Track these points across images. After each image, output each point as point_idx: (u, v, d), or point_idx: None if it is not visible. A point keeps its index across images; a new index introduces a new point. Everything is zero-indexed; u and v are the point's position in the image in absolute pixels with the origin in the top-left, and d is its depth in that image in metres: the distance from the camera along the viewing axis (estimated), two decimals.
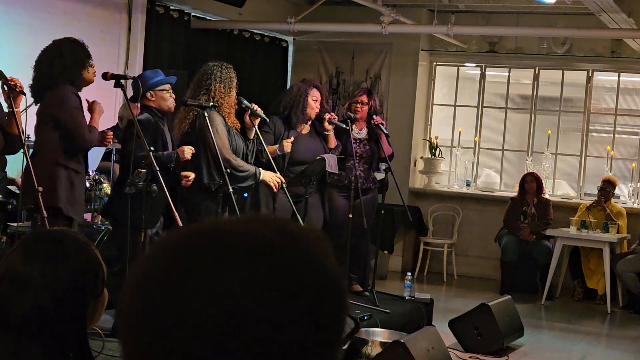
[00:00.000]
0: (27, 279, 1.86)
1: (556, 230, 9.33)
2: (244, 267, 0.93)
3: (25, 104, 5.40)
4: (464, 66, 11.03)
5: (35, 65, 5.44)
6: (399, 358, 5.25)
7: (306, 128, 7.08)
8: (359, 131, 7.62)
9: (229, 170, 6.01)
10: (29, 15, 7.66)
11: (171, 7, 9.23)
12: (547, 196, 9.79)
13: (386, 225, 8.61)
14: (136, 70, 8.47)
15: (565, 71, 10.47)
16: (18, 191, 6.83)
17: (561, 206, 9.89)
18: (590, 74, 10.33)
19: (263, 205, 6.78)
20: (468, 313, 6.78)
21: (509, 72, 10.75)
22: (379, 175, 7.65)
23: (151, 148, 5.29)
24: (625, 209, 9.47)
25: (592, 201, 9.43)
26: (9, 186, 6.89)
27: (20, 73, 5.41)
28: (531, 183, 9.51)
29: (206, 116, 5.89)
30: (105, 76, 5.47)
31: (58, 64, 5.37)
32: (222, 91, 6.14)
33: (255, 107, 6.33)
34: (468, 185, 10.69)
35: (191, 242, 0.97)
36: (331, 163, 6.85)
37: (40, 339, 1.86)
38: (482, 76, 10.81)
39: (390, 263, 10.13)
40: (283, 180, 6.35)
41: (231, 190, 5.80)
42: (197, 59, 8.81)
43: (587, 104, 10.36)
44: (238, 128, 6.35)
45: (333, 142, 7.15)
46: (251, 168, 6.25)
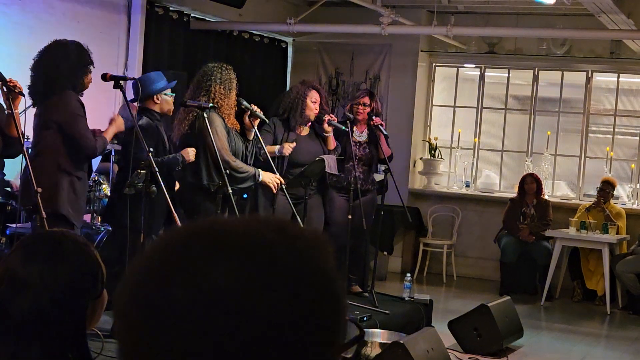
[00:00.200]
0: (27, 280, 1.86)
1: (555, 231, 9.33)
2: (242, 267, 0.93)
3: (24, 106, 5.40)
4: (464, 67, 11.02)
5: (36, 66, 5.41)
6: (399, 359, 5.25)
7: (305, 130, 7.08)
8: (360, 134, 7.61)
9: (229, 171, 6.01)
10: (29, 16, 7.66)
11: (170, 8, 9.23)
12: (547, 197, 9.79)
13: (386, 226, 8.61)
14: (135, 71, 8.47)
15: (564, 72, 10.47)
16: (14, 192, 6.83)
17: (560, 207, 9.89)
18: (589, 75, 10.33)
19: (262, 206, 6.78)
20: (467, 314, 6.78)
21: (509, 73, 10.75)
22: (378, 176, 7.65)
23: (150, 149, 5.29)
24: (624, 210, 9.46)
25: (592, 202, 9.43)
26: (7, 188, 6.89)
27: (19, 74, 5.40)
28: (531, 184, 9.51)
29: (205, 117, 5.89)
30: (104, 77, 5.46)
31: (65, 68, 5.35)
32: (222, 92, 6.14)
33: (254, 108, 6.33)
34: (467, 186, 10.69)
35: (189, 241, 0.97)
36: (330, 164, 6.85)
37: (39, 340, 1.87)
38: (482, 77, 10.81)
39: (389, 264, 10.13)
40: (282, 181, 6.35)
41: (230, 191, 5.80)
42: (197, 60, 8.81)
43: (587, 105, 10.36)
44: (237, 129, 6.35)
45: (332, 144, 7.15)
46: (250, 169, 6.25)
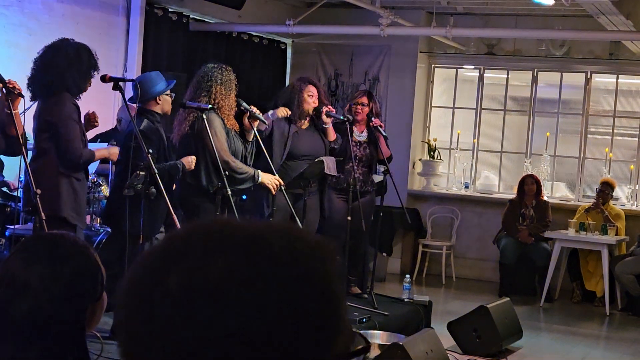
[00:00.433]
0: (26, 283, 1.86)
1: (555, 232, 9.33)
2: (238, 262, 0.94)
3: (24, 106, 5.40)
4: (463, 68, 11.03)
5: (42, 60, 5.40)
6: None
7: (305, 123, 7.08)
8: (360, 134, 7.62)
9: (228, 172, 6.02)
10: (27, 17, 7.66)
11: (170, 10, 9.22)
12: (546, 198, 9.79)
13: (385, 227, 8.61)
14: (134, 72, 8.46)
15: (563, 73, 10.48)
16: (11, 192, 6.83)
17: (560, 208, 9.89)
18: (588, 76, 10.33)
19: (261, 207, 6.78)
20: (467, 315, 6.78)
21: (508, 74, 10.76)
22: (378, 177, 7.66)
23: (150, 150, 5.29)
24: (623, 211, 9.47)
25: (591, 203, 9.43)
26: (4, 188, 6.89)
27: (19, 75, 5.40)
28: (531, 185, 9.51)
29: (205, 119, 5.89)
30: (103, 79, 5.46)
31: (75, 71, 5.35)
32: (223, 93, 6.15)
33: (254, 110, 6.33)
34: (467, 187, 10.69)
35: (191, 238, 0.99)
36: (330, 165, 6.85)
37: (38, 342, 1.86)
38: (481, 78, 10.81)
39: (388, 265, 10.13)
40: (282, 182, 6.35)
41: (230, 192, 5.81)
42: (196, 61, 8.81)
43: (586, 106, 10.36)
44: (237, 130, 6.36)
45: (332, 135, 7.15)
46: (250, 170, 6.26)
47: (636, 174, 10.03)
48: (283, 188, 6.35)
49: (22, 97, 5.19)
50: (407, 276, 7.69)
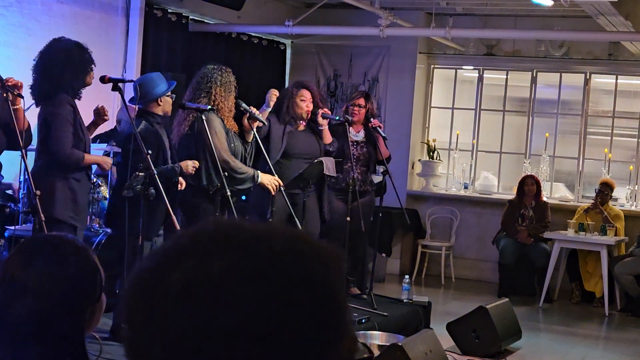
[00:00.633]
0: (25, 284, 1.86)
1: (554, 232, 9.33)
2: (239, 260, 0.95)
3: (23, 106, 5.40)
4: (462, 69, 11.03)
5: (38, 67, 5.41)
6: None
7: (301, 126, 7.08)
8: (356, 134, 7.63)
9: (227, 172, 6.02)
10: (27, 17, 7.66)
11: (169, 10, 9.23)
12: (545, 199, 9.79)
13: (384, 228, 8.61)
14: (134, 73, 8.46)
15: (562, 74, 10.48)
16: (12, 194, 6.84)
17: (559, 209, 9.90)
18: (587, 77, 10.34)
19: (260, 207, 6.77)
20: (466, 316, 6.78)
21: (507, 75, 10.76)
22: (377, 178, 7.66)
23: (149, 151, 5.29)
24: (622, 212, 9.47)
25: (590, 204, 9.43)
26: (7, 191, 6.89)
27: (18, 76, 5.40)
28: (531, 186, 9.51)
29: (204, 119, 5.89)
30: (103, 79, 5.46)
31: (68, 72, 5.35)
32: (222, 95, 6.16)
33: (253, 110, 6.34)
34: (466, 187, 10.70)
35: (198, 236, 1.00)
36: (329, 166, 6.86)
37: (38, 344, 1.87)
38: (480, 79, 10.81)
39: (388, 266, 10.13)
40: (281, 183, 6.36)
41: (229, 193, 5.81)
42: (195, 62, 8.81)
43: (585, 107, 10.37)
44: (236, 131, 6.36)
45: (328, 138, 7.16)
46: (249, 170, 6.26)
47: (635, 175, 10.03)
48: (282, 189, 6.35)
49: (22, 97, 5.19)
50: (407, 277, 7.69)
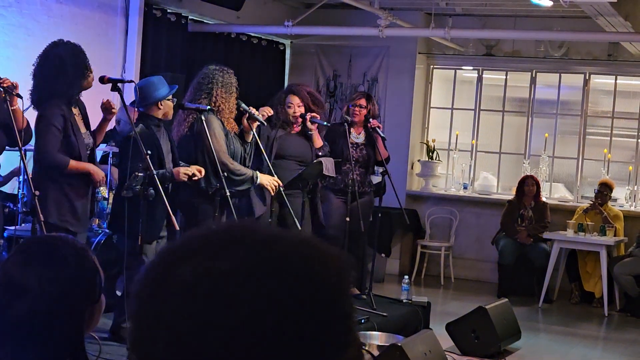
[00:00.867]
0: (24, 285, 1.86)
1: (553, 233, 9.34)
2: (249, 257, 0.95)
3: (22, 106, 5.40)
4: (461, 69, 11.04)
5: (35, 73, 5.40)
6: None
7: (294, 130, 7.07)
8: (357, 135, 7.62)
9: (226, 173, 6.02)
10: (26, 18, 7.66)
11: (168, 11, 9.22)
12: (544, 199, 9.80)
13: (383, 228, 8.61)
14: (133, 73, 8.46)
15: (562, 74, 10.48)
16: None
17: (558, 209, 9.90)
18: (587, 77, 10.34)
19: (257, 207, 6.76)
20: (465, 316, 6.78)
21: (506, 75, 10.76)
22: (376, 178, 7.65)
23: (148, 152, 5.29)
24: (622, 212, 9.47)
25: (589, 204, 9.43)
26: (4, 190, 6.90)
27: (18, 76, 5.41)
28: (532, 186, 9.51)
29: (203, 120, 5.89)
30: (102, 80, 5.46)
31: (62, 80, 5.34)
32: (223, 96, 6.16)
33: (253, 111, 6.34)
34: (465, 188, 10.70)
35: (210, 235, 1.00)
36: (328, 167, 6.86)
37: (37, 344, 1.87)
38: (479, 79, 10.82)
39: (387, 266, 10.13)
40: (280, 183, 6.35)
41: (228, 193, 5.81)
42: (195, 63, 8.81)
43: (584, 107, 10.37)
44: (236, 132, 6.36)
45: (319, 142, 7.14)
46: (248, 172, 6.26)
47: (635, 175, 10.04)
48: (282, 189, 6.35)
49: (20, 98, 5.19)
50: (406, 277, 7.69)
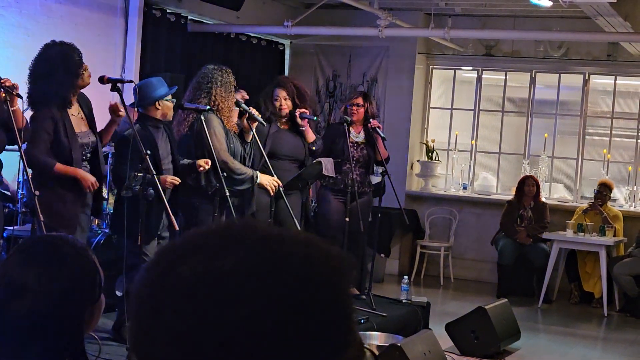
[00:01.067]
0: (24, 284, 1.86)
1: (553, 233, 9.34)
2: (250, 257, 0.95)
3: (22, 107, 5.40)
4: (461, 69, 11.04)
5: (29, 78, 5.40)
6: None
7: (284, 124, 7.07)
8: (357, 135, 7.63)
9: (226, 173, 6.02)
10: (26, 18, 7.66)
11: (168, 11, 9.22)
12: (544, 199, 9.80)
13: (383, 228, 8.61)
14: (133, 74, 8.46)
15: (561, 74, 10.49)
16: (8, 193, 6.83)
17: (558, 209, 9.90)
18: (586, 77, 10.35)
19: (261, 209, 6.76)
20: (465, 316, 6.78)
21: (506, 76, 10.76)
22: (376, 178, 7.66)
23: (148, 152, 5.29)
24: (621, 212, 9.48)
25: (589, 204, 9.43)
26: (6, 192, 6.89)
27: (17, 76, 5.40)
28: (532, 187, 9.51)
29: (203, 120, 5.89)
30: (101, 80, 5.45)
31: (53, 81, 5.33)
32: (222, 95, 6.16)
33: (252, 111, 6.35)
34: (465, 188, 10.70)
35: (210, 234, 1.00)
36: (328, 167, 6.85)
37: (36, 344, 1.86)
38: (479, 79, 10.82)
39: (387, 266, 10.13)
40: (280, 183, 6.35)
41: (228, 193, 5.81)
42: (194, 63, 8.81)
43: (584, 107, 10.37)
44: (236, 132, 6.36)
45: (311, 136, 7.14)
46: (248, 171, 6.26)
47: (634, 175, 10.04)
48: (281, 189, 6.35)
49: (20, 97, 5.19)
50: (405, 277, 7.69)
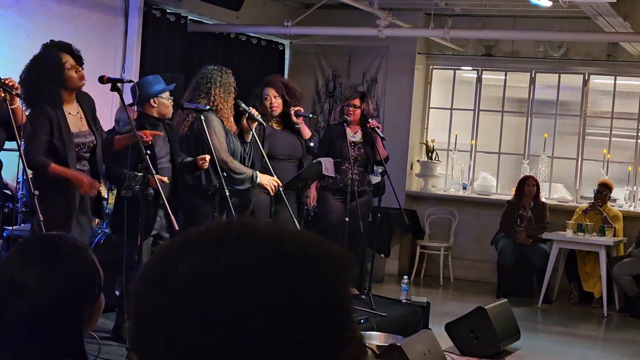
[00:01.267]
0: (24, 284, 1.86)
1: (552, 233, 9.34)
2: (248, 254, 0.96)
3: (22, 107, 5.40)
4: (461, 69, 11.04)
5: (20, 81, 5.41)
6: None
7: (277, 124, 7.07)
8: (353, 134, 7.63)
9: (226, 172, 6.02)
10: (26, 18, 7.66)
11: (168, 11, 9.23)
12: (544, 199, 9.80)
13: (383, 228, 8.61)
14: (133, 73, 8.46)
15: (561, 74, 10.49)
16: (10, 194, 6.82)
17: (557, 209, 9.90)
18: (586, 78, 10.35)
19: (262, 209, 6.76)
20: (464, 316, 6.78)
21: (506, 76, 10.76)
22: (375, 178, 7.66)
23: (148, 152, 5.29)
24: (621, 212, 9.48)
25: (589, 204, 9.43)
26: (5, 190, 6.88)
27: (17, 76, 5.40)
28: (532, 187, 9.51)
29: (203, 120, 5.90)
30: (101, 80, 5.45)
31: (42, 82, 5.33)
32: (222, 96, 6.17)
33: (252, 111, 6.35)
34: (464, 188, 10.70)
35: (208, 232, 1.00)
36: (327, 166, 6.86)
37: (36, 344, 1.86)
38: (479, 79, 10.82)
39: (386, 266, 10.13)
40: (280, 183, 6.35)
41: (228, 193, 5.81)
42: (194, 63, 8.82)
43: (584, 107, 10.37)
44: (235, 132, 6.37)
45: (307, 133, 7.16)
46: (248, 171, 6.27)
47: (634, 175, 10.04)
48: (281, 189, 6.35)
49: (20, 97, 5.19)
50: (405, 277, 7.69)
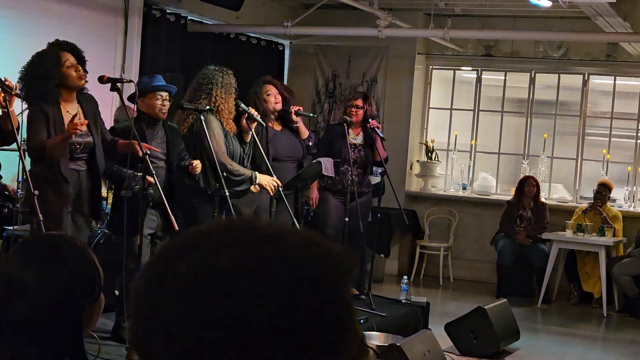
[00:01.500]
0: (23, 284, 1.86)
1: (552, 233, 9.34)
2: (248, 253, 0.96)
3: (21, 106, 5.40)
4: (460, 70, 11.04)
5: (20, 76, 5.42)
6: None
7: (277, 124, 7.08)
8: (355, 136, 7.63)
9: (225, 174, 6.02)
10: (26, 18, 7.66)
11: (168, 11, 9.23)
12: (544, 199, 9.80)
13: (382, 228, 8.61)
14: (133, 74, 8.47)
15: (561, 75, 10.49)
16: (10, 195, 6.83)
17: (557, 209, 9.90)
18: (586, 78, 10.35)
19: (262, 210, 6.76)
20: (464, 316, 6.78)
21: (505, 76, 10.76)
22: (375, 179, 7.66)
23: (147, 152, 5.29)
24: (621, 213, 9.48)
25: (588, 204, 9.44)
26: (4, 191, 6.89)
27: (16, 77, 5.40)
28: (532, 187, 9.51)
29: (202, 120, 5.90)
30: (101, 79, 5.45)
31: (37, 80, 5.33)
32: (223, 97, 6.17)
33: (252, 111, 6.35)
34: (464, 188, 10.70)
35: (209, 231, 1.00)
36: (327, 167, 6.86)
37: (36, 344, 1.87)
38: (479, 80, 10.82)
39: (386, 266, 10.13)
40: (279, 184, 6.35)
41: (227, 193, 5.81)
42: (194, 63, 8.82)
43: (583, 108, 10.38)
44: (235, 132, 6.37)
45: (305, 133, 7.19)
46: (247, 172, 6.26)
47: (633, 176, 10.04)
48: (281, 189, 6.35)
49: (19, 97, 5.19)
50: (405, 277, 7.69)
